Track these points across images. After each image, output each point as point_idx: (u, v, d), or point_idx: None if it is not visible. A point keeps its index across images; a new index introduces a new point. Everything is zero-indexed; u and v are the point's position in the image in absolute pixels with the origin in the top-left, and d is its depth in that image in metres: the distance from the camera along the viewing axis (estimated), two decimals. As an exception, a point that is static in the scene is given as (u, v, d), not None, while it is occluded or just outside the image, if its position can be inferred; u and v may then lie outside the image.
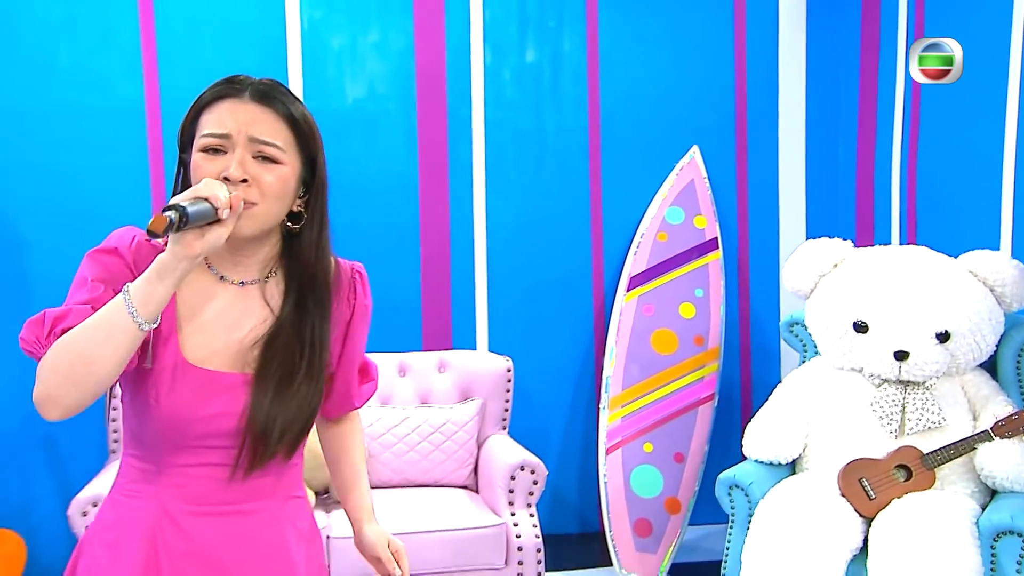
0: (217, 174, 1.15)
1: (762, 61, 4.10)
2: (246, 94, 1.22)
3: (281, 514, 1.33)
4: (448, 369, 3.49)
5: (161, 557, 1.24)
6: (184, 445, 1.24)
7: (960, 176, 3.43)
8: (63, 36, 3.45)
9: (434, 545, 2.82)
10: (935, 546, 2.22)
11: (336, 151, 3.71)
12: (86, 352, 1.08)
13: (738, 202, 4.12)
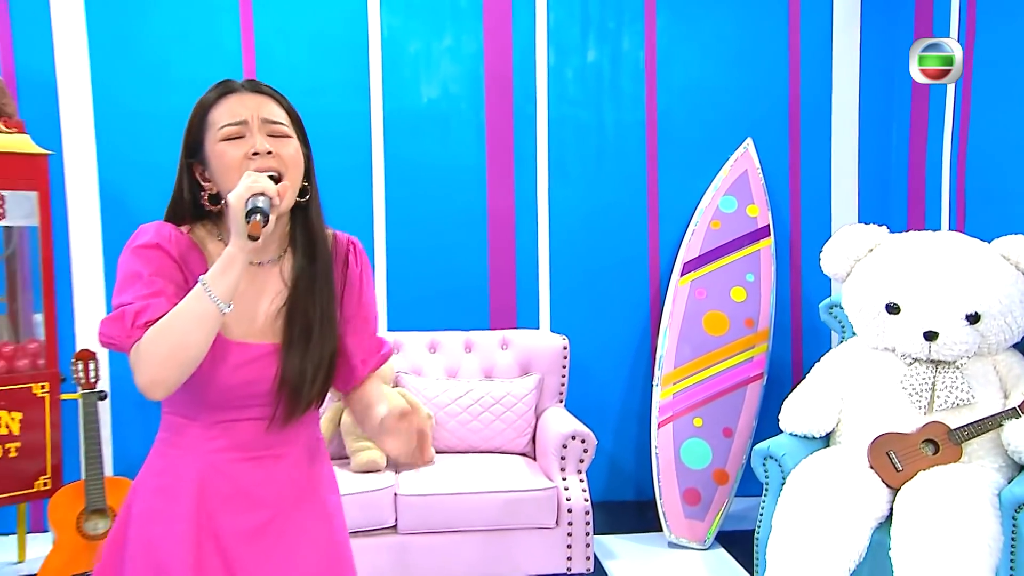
0: (245, 154, 1.28)
1: (816, 56, 4.07)
2: (244, 89, 1.36)
3: (307, 454, 1.46)
4: (510, 346, 3.60)
5: (209, 498, 1.36)
6: (227, 406, 1.36)
7: (1008, 165, 3.35)
8: (176, 49, 3.68)
9: (492, 505, 2.94)
10: (956, 515, 2.21)
11: (412, 146, 3.92)
12: (181, 338, 1.22)
13: (791, 191, 4.10)
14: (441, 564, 2.92)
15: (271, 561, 1.38)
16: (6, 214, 3.02)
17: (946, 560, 2.15)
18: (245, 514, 1.37)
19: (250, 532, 1.37)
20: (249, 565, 1.37)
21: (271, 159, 1.29)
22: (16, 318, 3.41)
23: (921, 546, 2.20)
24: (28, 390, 3.07)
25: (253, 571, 1.37)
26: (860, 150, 4.11)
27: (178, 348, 1.22)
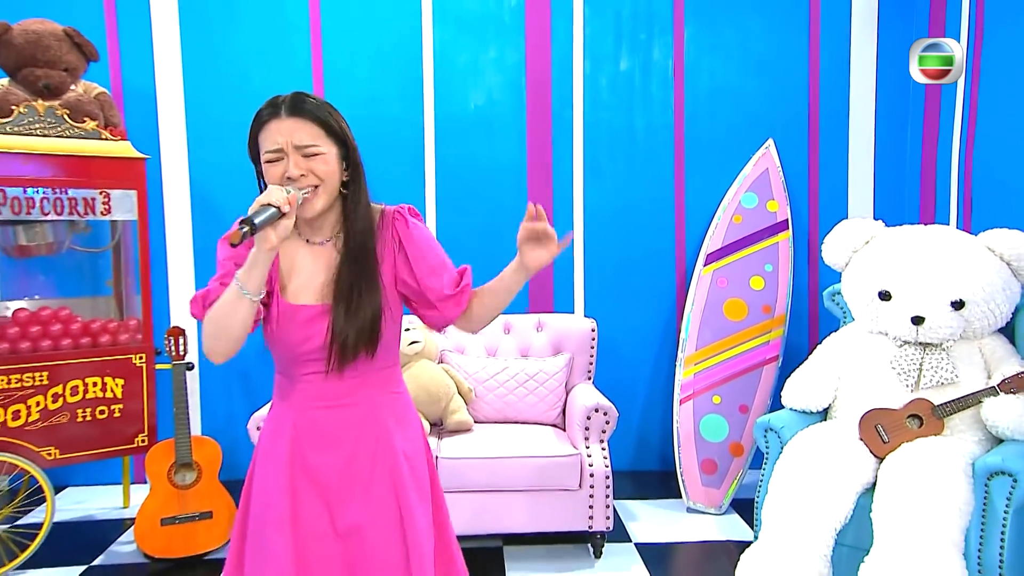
0: (282, 174, 1.47)
1: (834, 61, 4.08)
2: (283, 112, 1.50)
3: (379, 404, 1.62)
4: (544, 328, 3.75)
5: (301, 440, 1.58)
6: (297, 360, 1.57)
7: (1011, 164, 3.34)
8: (256, 65, 3.94)
9: (523, 468, 3.08)
10: (931, 481, 2.28)
11: (460, 147, 4.11)
12: (222, 321, 1.44)
13: (809, 188, 4.13)
14: (475, 520, 3.08)
15: (350, 487, 1.57)
16: (111, 210, 3.31)
17: (919, 521, 2.23)
18: (328, 453, 1.57)
19: (332, 467, 1.57)
20: (334, 489, 1.57)
21: (305, 179, 1.48)
22: (120, 299, 3.72)
23: (897, 508, 2.28)
24: (129, 361, 3.35)
25: (337, 495, 1.57)
26: (876, 149, 4.11)
27: (221, 328, 1.43)
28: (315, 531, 1.55)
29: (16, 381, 3.10)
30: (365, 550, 1.56)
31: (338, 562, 1.56)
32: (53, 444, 3.18)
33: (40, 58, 3.17)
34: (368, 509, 1.57)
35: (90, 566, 3.13)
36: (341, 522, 1.56)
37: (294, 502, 1.55)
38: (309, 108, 1.52)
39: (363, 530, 1.56)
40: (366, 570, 1.56)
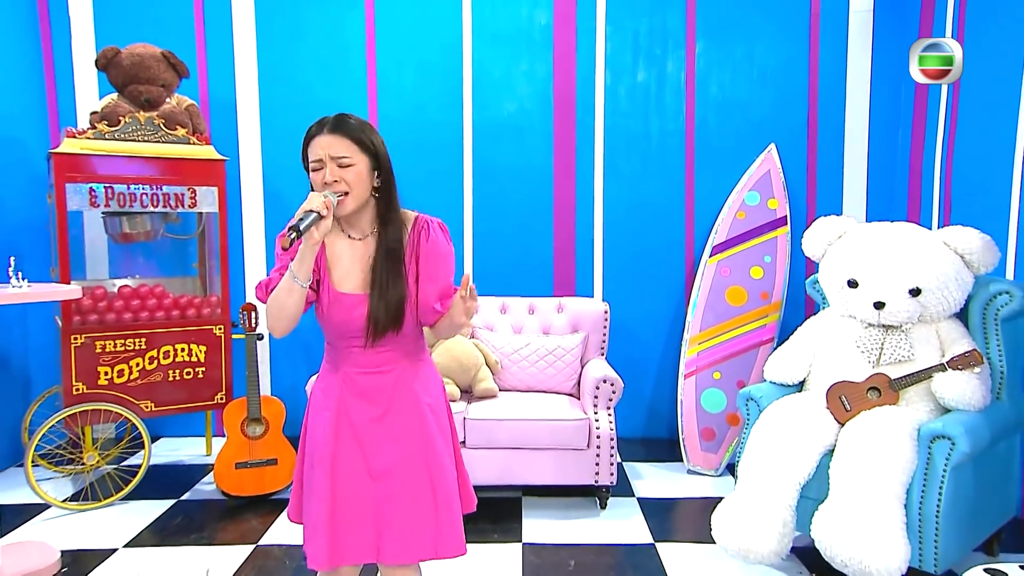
0: (322, 180, 1.70)
1: (832, 74, 4.21)
2: (325, 129, 1.73)
3: (408, 370, 1.83)
4: (564, 310, 3.98)
5: (346, 397, 1.81)
6: (342, 336, 1.80)
7: (982, 167, 3.45)
8: (319, 79, 4.26)
9: (540, 430, 3.33)
10: (881, 443, 2.45)
11: (494, 150, 4.38)
12: (280, 304, 1.69)
13: (807, 188, 4.28)
14: (498, 473, 3.34)
15: (384, 438, 1.81)
16: (197, 203, 3.67)
17: (867, 476, 2.42)
18: (367, 408, 1.81)
19: (370, 419, 1.81)
20: (370, 439, 1.81)
21: (338, 184, 1.71)
22: (203, 279, 4.10)
23: (850, 465, 2.47)
24: (210, 331, 3.72)
25: (372, 444, 1.80)
26: (869, 153, 4.22)
27: (279, 308, 1.69)
28: (351, 472, 1.79)
29: (120, 345, 3.50)
30: (394, 490, 1.78)
31: (370, 500, 1.78)
32: (150, 398, 3.57)
33: (142, 76, 3.55)
34: (398, 456, 1.80)
35: (179, 500, 3.52)
36: (375, 466, 1.79)
37: (336, 447, 1.79)
38: (346, 127, 1.74)
39: (392, 474, 1.79)
40: (393, 507, 1.78)
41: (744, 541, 2.57)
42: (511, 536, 3.12)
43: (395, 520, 1.76)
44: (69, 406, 3.37)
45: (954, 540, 2.43)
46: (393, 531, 1.76)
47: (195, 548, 3.01)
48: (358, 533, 1.76)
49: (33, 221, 3.97)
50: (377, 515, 1.76)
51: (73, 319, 3.41)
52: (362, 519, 1.76)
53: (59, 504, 3.36)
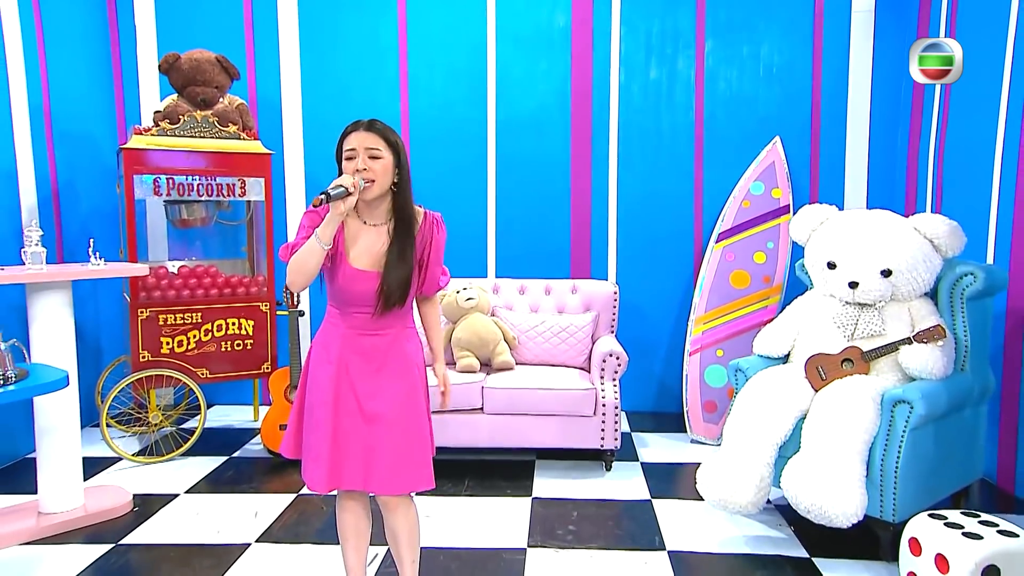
0: (354, 167, 2.04)
1: (835, 71, 4.45)
2: (361, 128, 2.07)
3: (401, 335, 2.17)
4: (577, 291, 4.30)
5: (345, 353, 2.13)
6: (352, 303, 2.13)
7: (968, 159, 3.68)
8: (356, 80, 4.65)
9: (551, 399, 3.66)
10: (847, 407, 2.73)
11: (516, 144, 4.74)
12: (302, 261, 2.01)
13: (810, 179, 4.53)
14: (514, 437, 3.69)
15: (376, 388, 2.14)
16: (246, 193, 4.10)
17: (832, 435, 2.70)
18: (364, 363, 2.14)
19: (367, 372, 2.14)
20: (365, 389, 2.13)
21: (367, 172, 2.05)
22: (251, 261, 4.53)
23: (819, 425, 2.76)
24: (257, 307, 4.14)
25: (366, 392, 2.12)
26: (870, 146, 4.46)
27: (301, 265, 2.02)
28: (348, 415, 2.12)
29: (179, 319, 3.95)
30: (382, 432, 2.12)
31: (362, 438, 2.11)
32: (205, 367, 4.02)
33: (199, 79, 3.99)
34: (387, 404, 2.13)
35: (230, 457, 3.97)
36: (367, 411, 2.11)
37: (336, 392, 2.13)
38: (378, 127, 2.09)
39: (381, 418, 2.11)
40: (381, 446, 2.11)
41: (724, 492, 2.88)
42: (523, 492, 3.48)
43: (382, 457, 2.09)
44: (137, 371, 3.83)
45: (912, 494, 2.71)
46: (380, 465, 2.09)
47: (245, 496, 3.44)
48: (351, 465, 2.10)
49: (103, 208, 4.45)
50: (367, 452, 2.10)
51: (140, 295, 3.87)
52: (355, 454, 2.10)
53: (129, 457, 3.83)
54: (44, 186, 4.07)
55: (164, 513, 3.23)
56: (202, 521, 3.15)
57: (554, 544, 2.94)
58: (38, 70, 4.01)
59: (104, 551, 2.87)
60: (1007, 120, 3.38)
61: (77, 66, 4.36)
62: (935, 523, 2.44)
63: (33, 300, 3.09)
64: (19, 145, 3.88)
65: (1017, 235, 3.31)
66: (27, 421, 3.94)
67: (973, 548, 2.27)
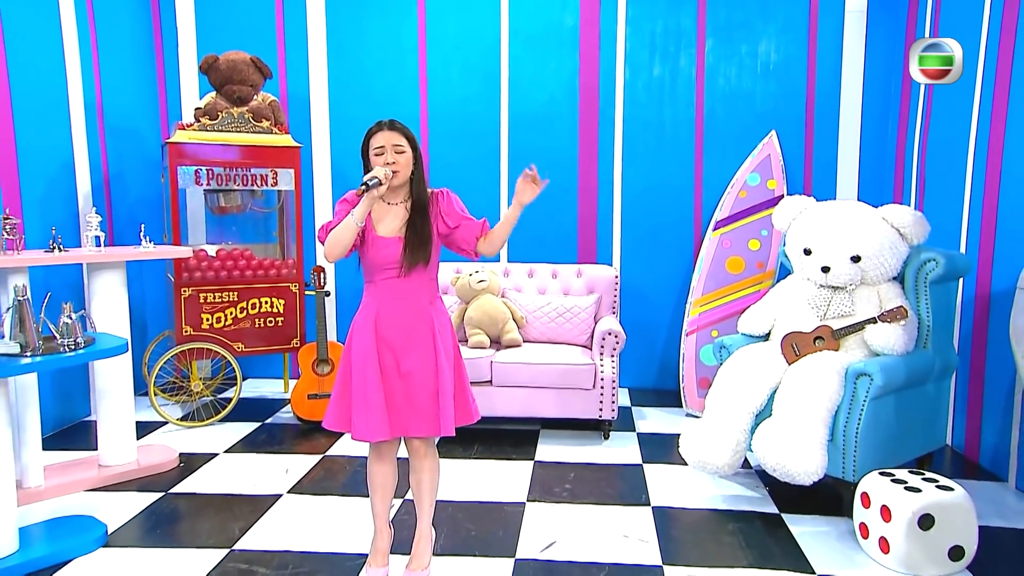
0: (384, 161, 2.42)
1: (829, 68, 4.70)
2: (385, 127, 2.46)
3: (426, 302, 2.53)
4: (582, 275, 4.64)
5: (380, 319, 2.51)
6: (380, 269, 2.51)
7: (945, 154, 3.94)
8: (378, 76, 5.00)
9: (554, 372, 4.00)
10: (814, 378, 3.04)
11: (527, 137, 5.11)
12: (338, 236, 2.40)
13: (804, 171, 4.81)
14: (520, 408, 4.05)
15: (408, 349, 2.50)
16: (277, 183, 4.49)
17: (799, 403, 3.02)
18: (396, 327, 2.50)
19: (399, 335, 2.50)
20: (399, 349, 2.49)
21: (394, 164, 2.43)
22: (282, 245, 4.93)
23: (788, 394, 3.08)
24: (287, 287, 4.54)
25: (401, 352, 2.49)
26: (862, 140, 4.72)
27: (337, 240, 2.40)
28: (389, 370, 2.51)
29: (218, 297, 4.36)
30: (414, 384, 2.50)
31: (402, 389, 2.51)
32: (241, 341, 4.44)
33: (236, 78, 4.38)
34: (416, 362, 2.50)
35: (263, 423, 4.39)
36: (403, 367, 2.50)
37: (379, 354, 2.51)
38: (398, 127, 2.49)
39: (414, 373, 2.50)
40: (415, 395, 2.49)
41: (703, 455, 3.22)
42: (525, 456, 3.85)
43: (415, 406, 2.49)
44: (180, 344, 4.26)
45: (871, 456, 3.02)
46: (414, 413, 2.49)
47: (277, 456, 3.85)
48: (395, 415, 2.50)
49: (149, 196, 4.88)
50: (407, 403, 2.49)
51: (182, 275, 4.28)
52: (397, 406, 2.50)
53: (174, 422, 4.27)
54: (97, 176, 4.51)
55: (206, 468, 3.66)
56: (241, 475, 3.57)
57: (550, 499, 3.30)
58: (92, 71, 4.43)
59: (156, 498, 3.29)
60: (978, 118, 3.64)
61: (126, 67, 4.78)
62: (883, 480, 2.76)
63: (92, 278, 3.52)
64: (76, 139, 4.31)
65: (986, 227, 3.58)
66: (84, 387, 4.41)
67: (911, 499, 2.60)
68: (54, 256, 3.26)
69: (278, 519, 3.09)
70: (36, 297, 3.33)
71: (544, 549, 2.82)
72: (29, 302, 2.68)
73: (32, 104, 3.92)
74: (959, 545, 2.62)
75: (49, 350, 2.70)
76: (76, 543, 2.75)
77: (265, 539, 2.89)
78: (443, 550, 2.80)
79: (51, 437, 4.03)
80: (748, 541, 2.90)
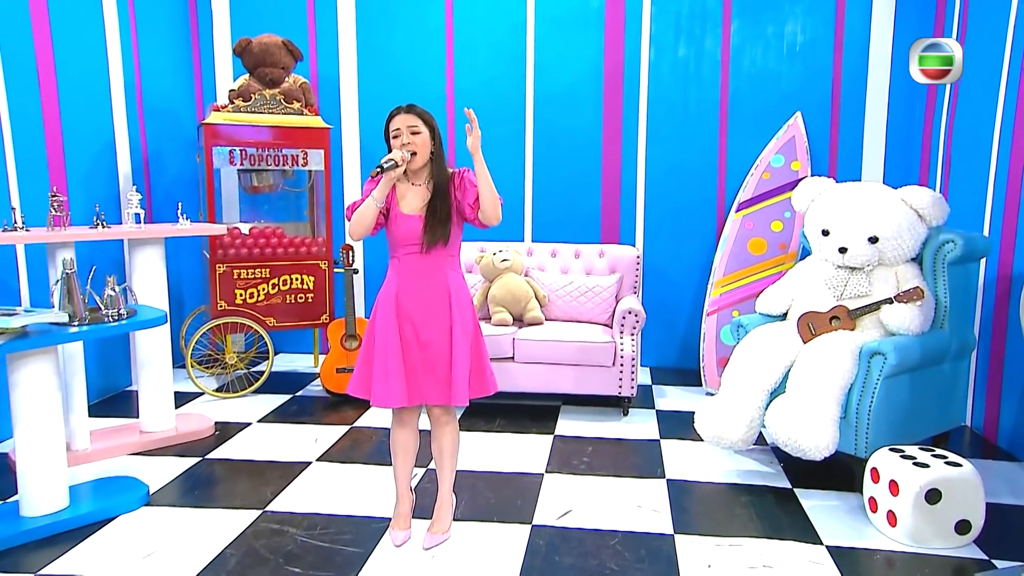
0: (400, 144, 2.58)
1: (856, 48, 4.70)
2: (403, 111, 2.58)
3: (447, 277, 2.66)
4: (604, 255, 4.73)
5: (402, 293, 2.65)
6: (403, 244, 2.64)
7: (971, 135, 3.94)
8: (406, 61, 5.12)
9: (575, 349, 4.10)
10: (828, 357, 3.11)
11: (552, 117, 5.21)
12: (361, 216, 2.54)
13: (829, 152, 4.82)
14: (542, 384, 4.17)
15: (427, 320, 2.63)
16: (308, 163, 4.64)
17: (813, 381, 3.09)
18: (417, 301, 2.64)
19: (420, 308, 2.63)
20: (419, 320, 2.62)
21: (411, 146, 2.56)
22: (312, 224, 5.10)
23: (802, 371, 3.15)
24: (317, 265, 4.71)
25: (421, 323, 2.62)
26: (888, 123, 4.71)
27: (360, 219, 2.55)
28: (409, 340, 2.65)
29: (250, 273, 4.54)
30: (433, 354, 2.64)
31: (420, 359, 2.64)
32: (272, 316, 4.62)
33: (268, 61, 4.53)
34: (435, 332, 2.64)
35: (294, 395, 4.58)
36: (422, 337, 2.64)
37: (400, 325, 2.65)
38: (418, 109, 2.61)
39: (432, 344, 2.64)
40: (433, 365, 2.62)
41: (718, 430, 3.32)
42: (546, 430, 3.98)
43: (433, 375, 2.63)
44: (215, 318, 4.46)
45: (883, 434, 3.09)
46: (432, 382, 2.63)
47: (307, 426, 4.03)
48: (414, 383, 2.64)
49: (185, 175, 5.08)
50: (426, 372, 2.63)
51: (217, 252, 4.47)
52: (416, 374, 2.64)
53: (210, 392, 4.48)
54: (136, 156, 4.71)
55: (240, 437, 3.85)
56: (273, 443, 3.76)
57: (568, 471, 3.43)
58: (131, 56, 4.61)
59: (194, 462, 3.49)
60: (1004, 100, 3.64)
61: (163, 51, 4.96)
62: (892, 455, 2.84)
63: (133, 254, 3.71)
64: (117, 120, 4.50)
65: (1009, 209, 3.59)
66: (125, 358, 4.64)
67: (919, 474, 2.67)
68: (98, 232, 3.45)
69: (307, 484, 3.26)
70: (82, 271, 3.53)
71: (560, 517, 2.95)
72: (76, 275, 2.87)
73: (76, 88, 4.12)
74: (966, 519, 2.69)
75: (95, 320, 2.89)
76: (121, 501, 2.95)
77: (295, 502, 3.07)
78: (463, 516, 2.94)
79: (95, 405, 4.26)
80: (758, 513, 3.00)
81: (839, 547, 2.71)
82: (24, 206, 3.62)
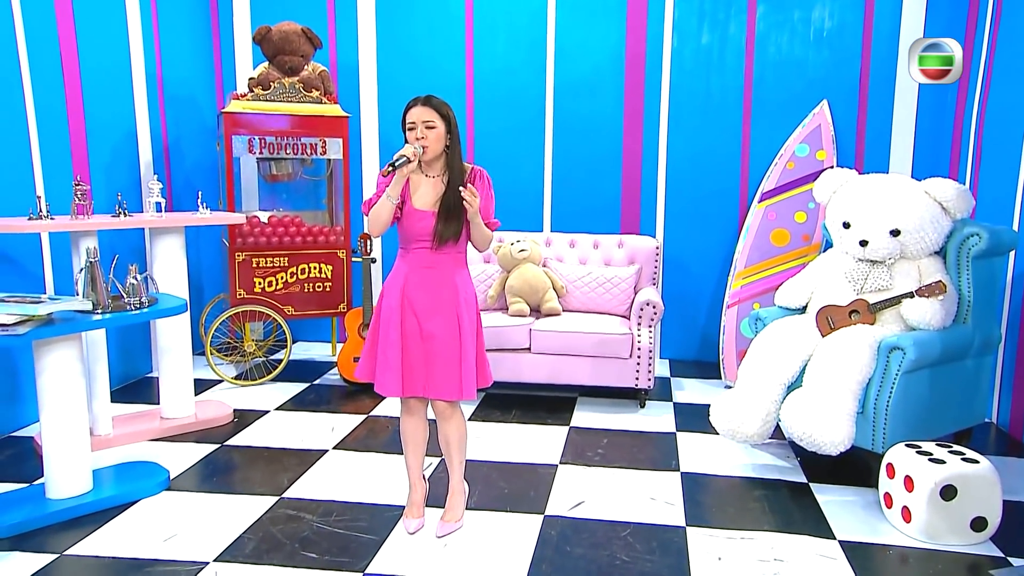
0: (415, 137, 2.63)
1: (885, 35, 4.67)
2: (419, 103, 2.62)
3: (454, 272, 2.72)
4: (623, 246, 4.77)
5: (408, 284, 2.71)
6: (414, 240, 2.70)
7: (1003, 128, 3.92)
8: (426, 49, 5.17)
9: (592, 341, 4.16)
10: (846, 351, 3.14)
11: (572, 105, 5.24)
12: (377, 214, 2.61)
13: (856, 142, 4.81)
14: (558, 375, 4.23)
15: (432, 313, 2.70)
16: (326, 151, 4.73)
17: (830, 375, 3.12)
18: (423, 292, 2.71)
19: (425, 300, 2.70)
20: (423, 313, 2.69)
21: (423, 140, 2.61)
22: (331, 212, 5.19)
23: (819, 365, 3.18)
24: (335, 253, 4.81)
25: (424, 316, 2.69)
26: (918, 113, 4.68)
27: (376, 216, 2.62)
28: (411, 332, 2.71)
29: (269, 262, 4.66)
30: (434, 348, 2.70)
31: (422, 352, 2.71)
32: (290, 304, 4.74)
33: (287, 49, 4.62)
34: (439, 326, 2.70)
35: (311, 384, 4.70)
36: (425, 329, 2.70)
37: (402, 316, 2.71)
38: (433, 102, 2.65)
39: (435, 337, 2.70)
40: (436, 359, 2.68)
41: (734, 423, 3.37)
42: (562, 422, 4.05)
43: (437, 368, 2.69)
44: (234, 306, 4.58)
45: (901, 430, 3.12)
46: (435, 375, 2.69)
47: (324, 414, 4.14)
48: (415, 375, 2.70)
49: (204, 163, 5.20)
50: (427, 364, 2.70)
51: (236, 240, 4.59)
52: (418, 366, 2.70)
53: (229, 380, 4.61)
54: (157, 144, 4.83)
55: (258, 424, 3.97)
56: (290, 431, 3.88)
57: (582, 462, 3.50)
58: (152, 44, 4.73)
59: (212, 449, 3.62)
60: (1035, 88, 3.62)
61: (183, 38, 5.07)
62: (908, 451, 2.87)
63: (155, 242, 3.83)
64: (138, 109, 4.63)
65: (1038, 200, 3.58)
66: (146, 346, 4.79)
67: (934, 470, 2.71)
68: (121, 220, 3.57)
69: (324, 472, 3.37)
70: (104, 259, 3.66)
71: (572, 508, 3.03)
72: (99, 264, 2.99)
73: (99, 77, 4.24)
74: (982, 516, 2.72)
75: (117, 308, 3.01)
76: (142, 486, 3.08)
77: (311, 489, 3.18)
78: (476, 505, 3.03)
79: (117, 391, 4.41)
80: (772, 507, 3.05)
81: (852, 542, 2.76)
82: (48, 195, 3.75)
